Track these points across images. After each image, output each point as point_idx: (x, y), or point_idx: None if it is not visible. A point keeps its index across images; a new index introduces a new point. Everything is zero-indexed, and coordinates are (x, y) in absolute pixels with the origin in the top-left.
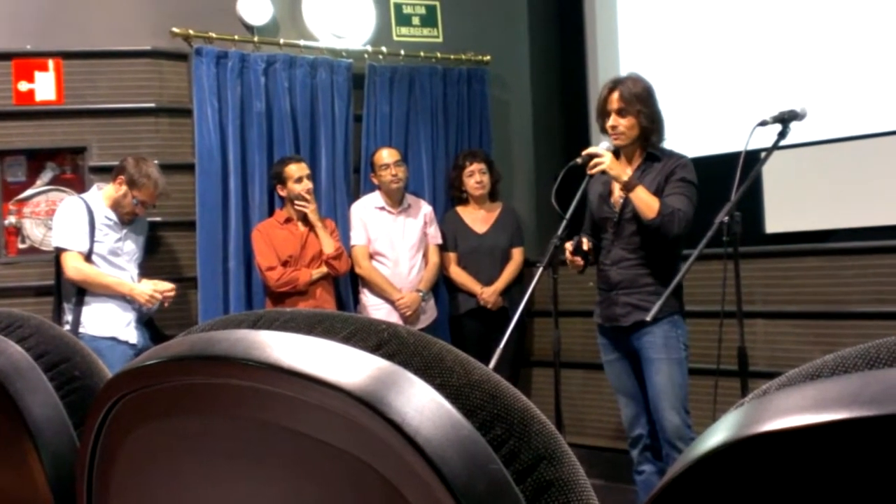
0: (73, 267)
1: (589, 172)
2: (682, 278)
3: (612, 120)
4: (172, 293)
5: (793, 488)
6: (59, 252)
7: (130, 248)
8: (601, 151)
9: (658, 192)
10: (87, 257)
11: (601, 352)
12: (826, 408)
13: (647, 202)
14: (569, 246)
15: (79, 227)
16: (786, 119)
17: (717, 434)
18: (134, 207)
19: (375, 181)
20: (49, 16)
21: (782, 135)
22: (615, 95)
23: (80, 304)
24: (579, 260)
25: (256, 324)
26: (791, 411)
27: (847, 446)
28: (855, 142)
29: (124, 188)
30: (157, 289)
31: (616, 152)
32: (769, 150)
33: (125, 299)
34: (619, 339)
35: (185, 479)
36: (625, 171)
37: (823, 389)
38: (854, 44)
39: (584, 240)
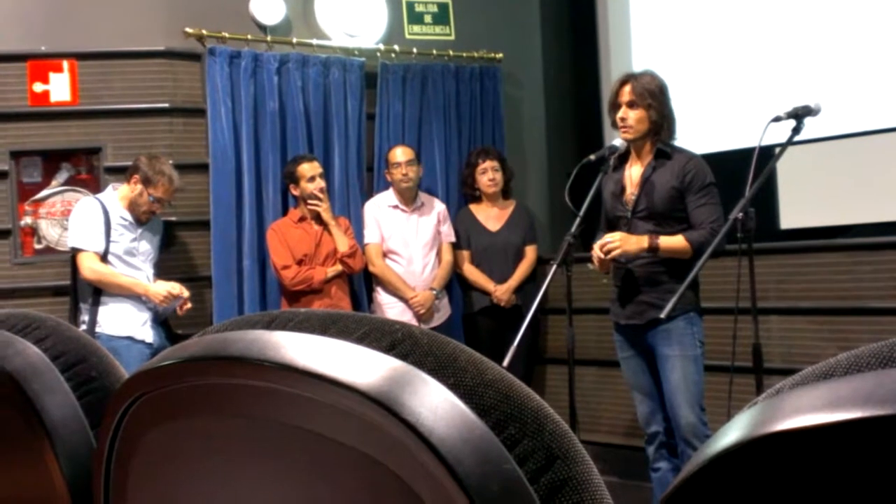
0: (89, 267)
1: (608, 259)
2: (697, 275)
3: (621, 112)
4: (187, 298)
5: (806, 487)
6: (75, 252)
7: (146, 248)
8: (607, 238)
9: (673, 194)
10: (103, 257)
11: (617, 349)
12: (839, 407)
13: (677, 249)
14: (598, 250)
15: (94, 227)
16: (800, 115)
17: (731, 433)
18: (151, 205)
19: (389, 178)
20: (63, 17)
21: (796, 130)
22: (627, 88)
23: (96, 303)
24: (609, 263)
25: (271, 324)
26: (804, 410)
27: (860, 445)
28: (869, 137)
29: (140, 187)
30: (171, 291)
31: (627, 150)
32: (783, 146)
33: (141, 299)
34: (635, 336)
35: (200, 479)
36: (639, 243)
37: (836, 389)
38: (867, 38)
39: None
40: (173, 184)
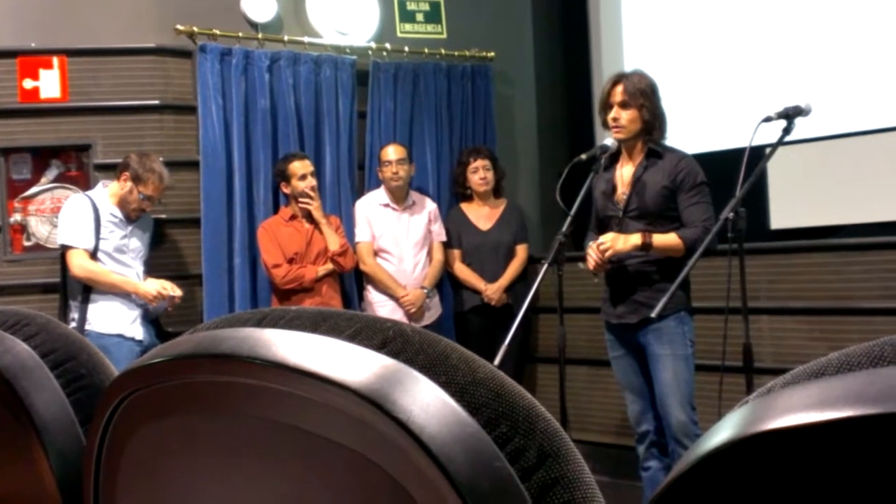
0: (79, 265)
1: (604, 259)
2: (688, 274)
3: (613, 112)
4: (178, 295)
5: (797, 486)
6: (64, 250)
7: (136, 246)
8: (601, 240)
9: (664, 193)
10: (93, 255)
11: (608, 348)
12: (830, 406)
13: (670, 247)
14: (594, 252)
15: (84, 224)
16: (790, 115)
17: (722, 432)
18: (141, 203)
19: (381, 176)
20: (54, 13)
21: (787, 131)
22: (619, 88)
23: (86, 301)
24: (606, 265)
25: (262, 322)
26: (795, 409)
27: (851, 444)
28: (860, 137)
29: (129, 184)
30: (161, 291)
31: (618, 149)
32: (774, 146)
33: (131, 296)
34: (626, 335)
35: (191, 477)
36: (630, 241)
37: (828, 387)
38: (858, 39)
39: (592, 246)
40: (163, 181)
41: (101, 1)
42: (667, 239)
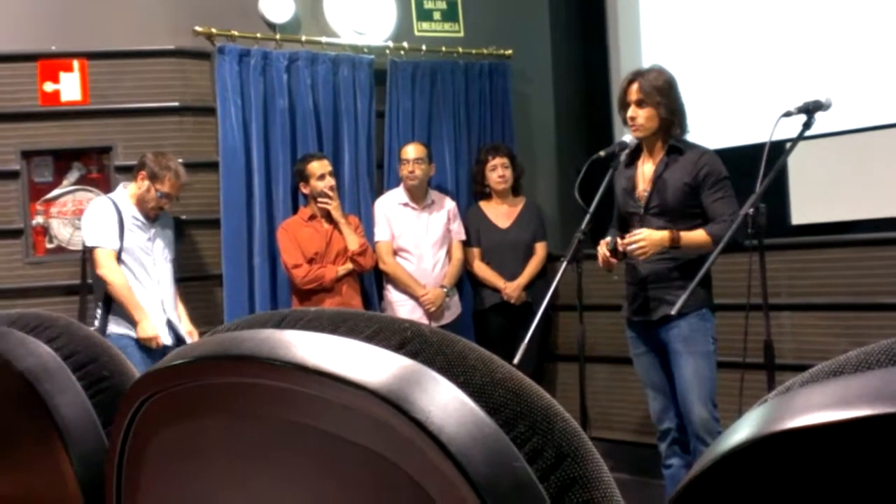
0: (108, 266)
1: (640, 255)
2: (709, 271)
3: (630, 111)
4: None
5: (817, 484)
6: (91, 250)
7: (160, 246)
8: (635, 238)
9: (686, 190)
10: (118, 256)
11: (630, 346)
12: (849, 405)
13: (699, 243)
14: (604, 248)
15: (109, 226)
16: (810, 109)
17: (741, 431)
18: (159, 201)
19: (400, 175)
20: (73, 17)
21: (807, 125)
22: (634, 87)
23: (107, 303)
24: (614, 261)
25: (281, 323)
26: (814, 408)
27: (871, 443)
28: (881, 131)
29: (146, 183)
30: (156, 341)
31: (638, 145)
32: (794, 141)
33: (151, 299)
34: (648, 332)
35: (212, 478)
36: (662, 240)
37: (846, 386)
38: (878, 33)
39: (619, 240)
40: (180, 179)
41: (119, 4)
42: (695, 235)
